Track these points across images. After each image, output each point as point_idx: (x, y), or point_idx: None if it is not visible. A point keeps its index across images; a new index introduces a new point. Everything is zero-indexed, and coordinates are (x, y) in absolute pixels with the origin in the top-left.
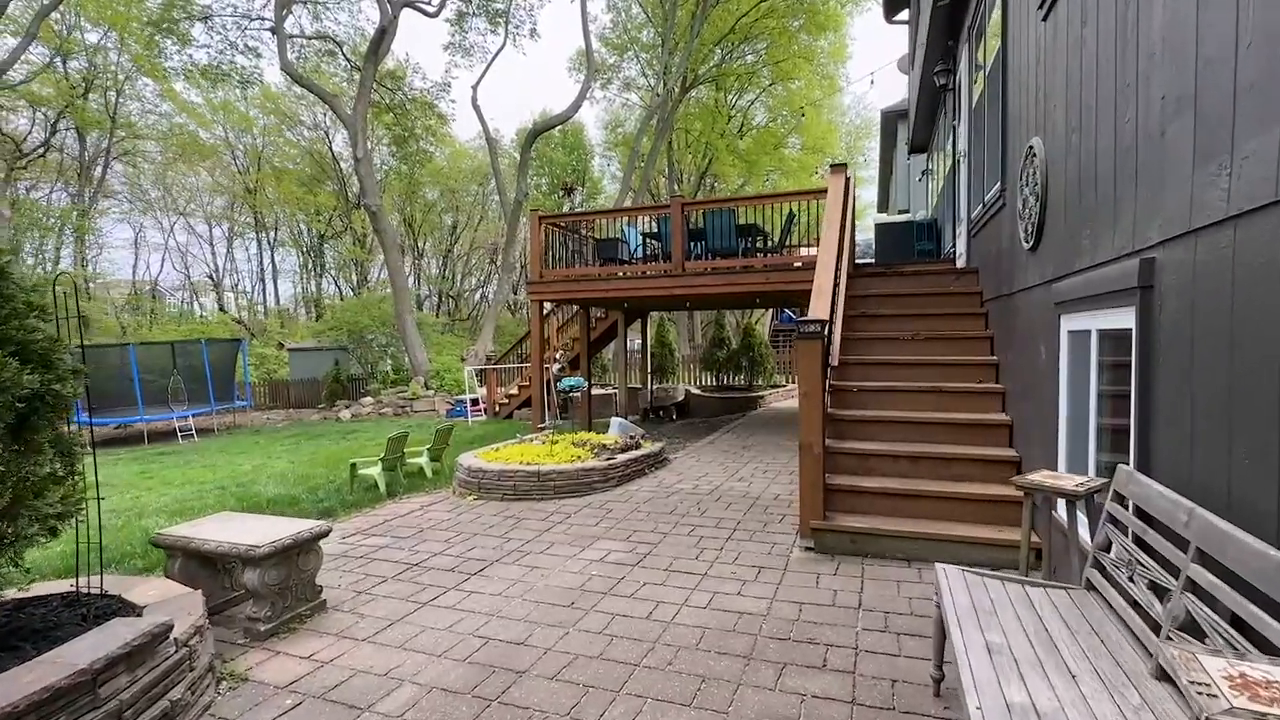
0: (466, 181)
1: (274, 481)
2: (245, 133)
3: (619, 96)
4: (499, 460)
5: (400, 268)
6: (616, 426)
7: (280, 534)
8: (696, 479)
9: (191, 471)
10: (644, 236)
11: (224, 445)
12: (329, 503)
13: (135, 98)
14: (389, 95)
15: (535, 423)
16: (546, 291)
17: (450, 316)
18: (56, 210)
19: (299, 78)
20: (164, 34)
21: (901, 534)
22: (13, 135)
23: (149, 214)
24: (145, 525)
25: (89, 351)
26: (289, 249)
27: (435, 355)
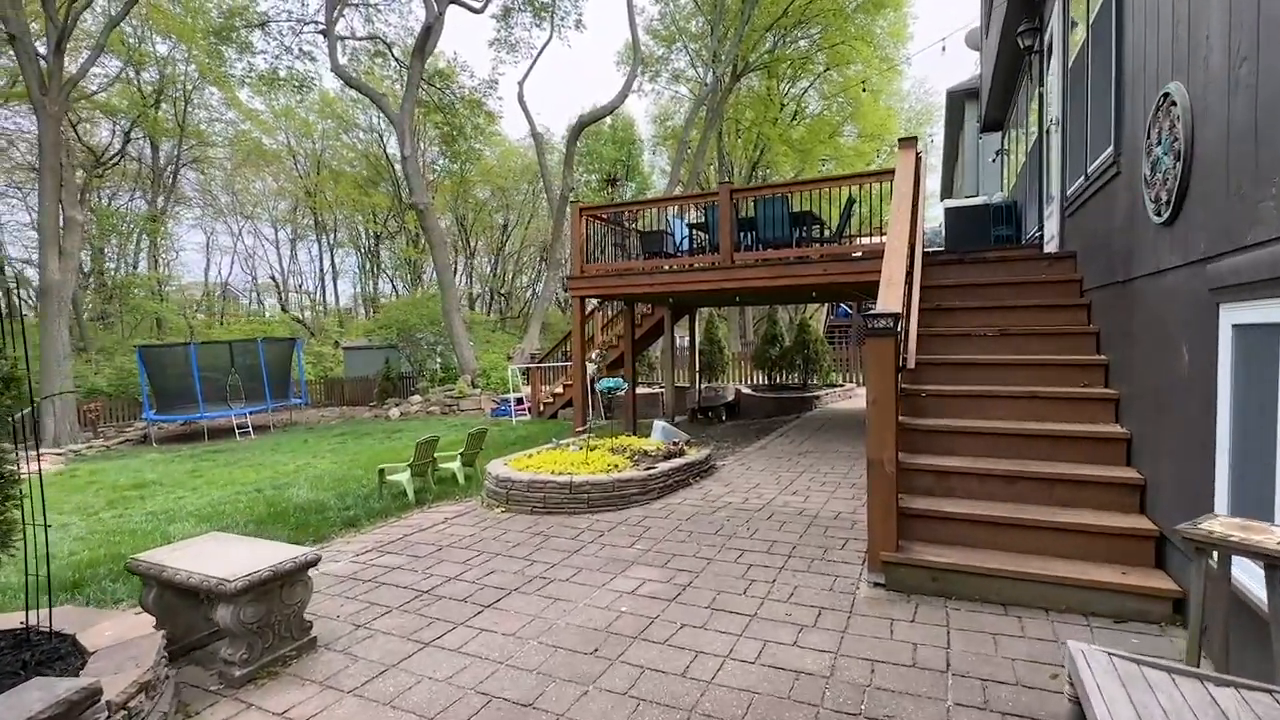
0: (517, 180)
1: (309, 485)
2: (305, 137)
3: (667, 89)
4: (529, 469)
5: (448, 265)
6: (659, 431)
7: (258, 564)
8: (746, 491)
9: (238, 471)
10: (690, 228)
11: (276, 443)
12: (355, 511)
13: (203, 106)
14: (438, 95)
15: (576, 425)
16: (588, 287)
17: (502, 314)
18: (131, 216)
19: (348, 79)
20: (225, 42)
21: (995, 572)
22: (91, 146)
23: (220, 219)
24: (171, 532)
25: (158, 350)
26: (348, 249)
27: (483, 353)
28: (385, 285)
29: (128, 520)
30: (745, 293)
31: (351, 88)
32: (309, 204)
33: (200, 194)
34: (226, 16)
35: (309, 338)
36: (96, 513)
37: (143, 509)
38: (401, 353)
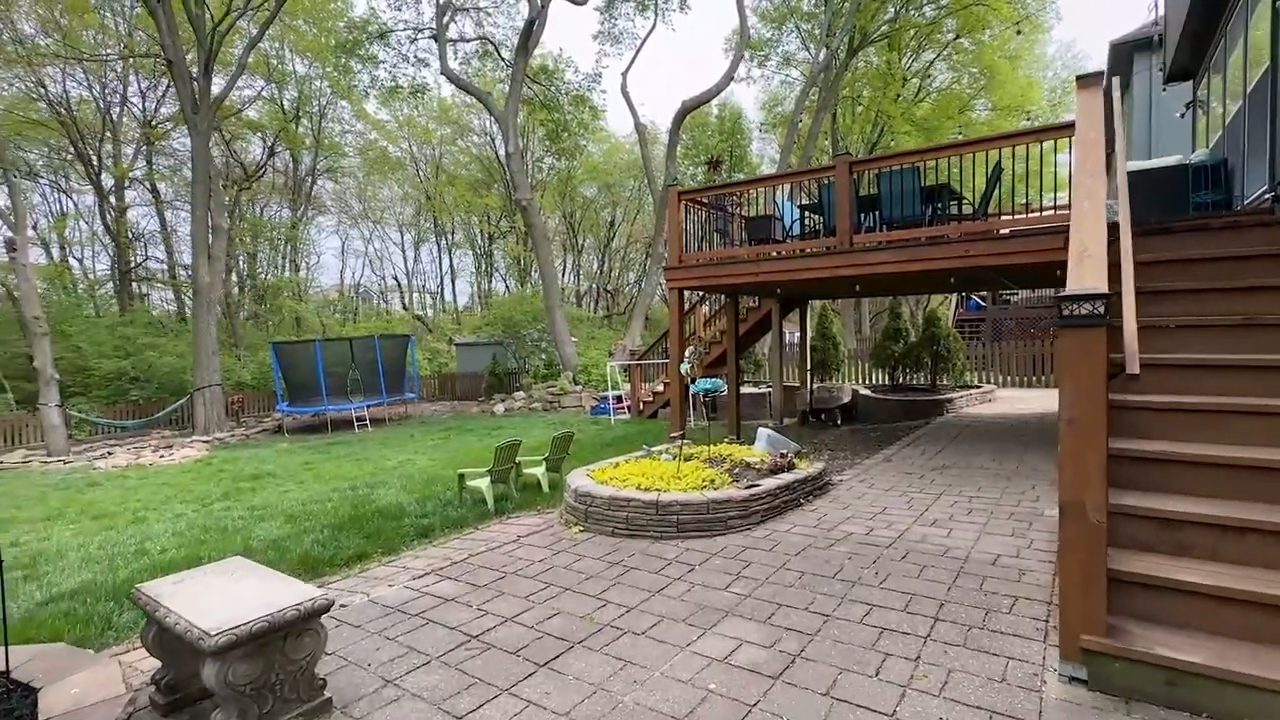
0: (623, 176)
1: (400, 485)
2: (425, 144)
3: (777, 73)
4: (613, 482)
5: (551, 261)
6: (765, 440)
7: (255, 610)
8: (871, 518)
9: (344, 466)
10: (802, 210)
11: (386, 437)
12: (431, 519)
13: (335, 120)
14: (542, 91)
15: (672, 428)
16: (687, 278)
17: (608, 311)
18: (274, 224)
19: (456, 80)
20: (351, 56)
21: (1272, 685)
22: (244, 163)
23: (353, 225)
24: (256, 534)
25: (289, 347)
26: (465, 250)
27: (586, 349)
28: (499, 284)
29: (227, 516)
30: (867, 281)
31: (459, 88)
32: (428, 208)
33: (336, 202)
34: (352, 30)
35: (427, 334)
36: (210, 504)
37: (248, 503)
38: (507, 349)
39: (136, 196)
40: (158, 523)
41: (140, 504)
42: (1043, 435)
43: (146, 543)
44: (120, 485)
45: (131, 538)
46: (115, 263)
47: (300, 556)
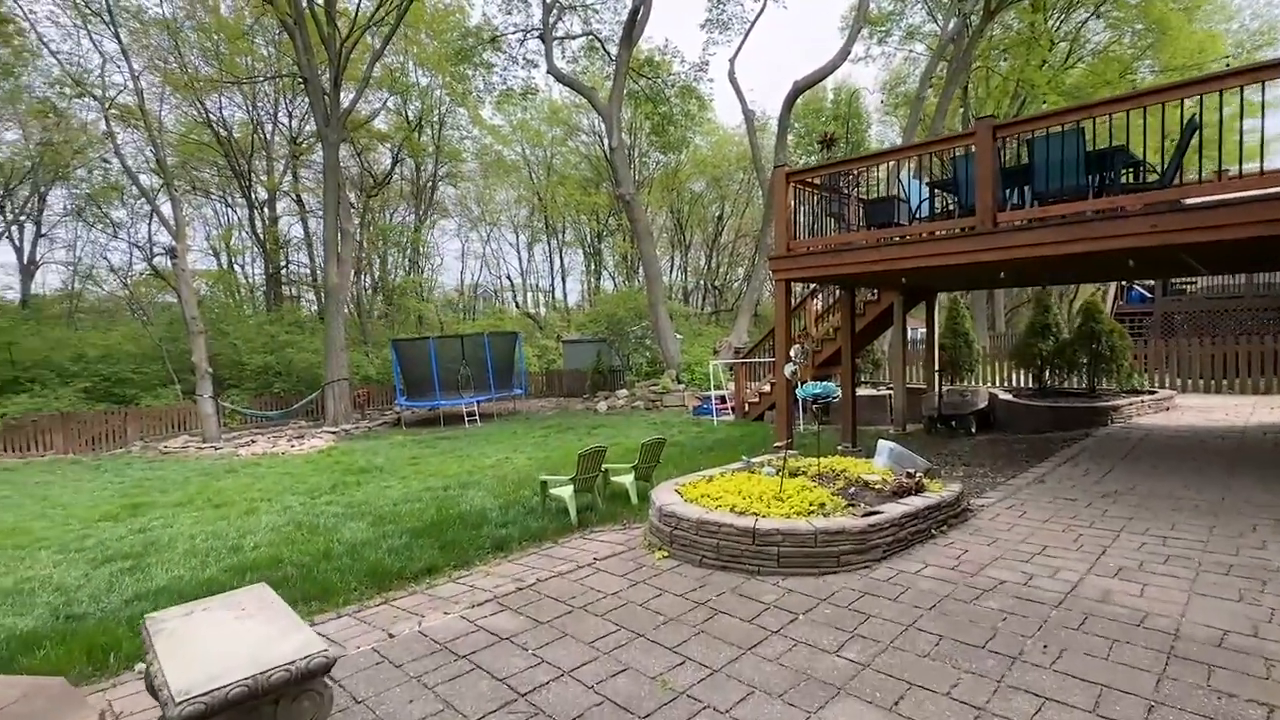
0: (731, 168)
1: (491, 486)
2: (537, 146)
3: (899, 50)
4: (703, 501)
5: (654, 257)
6: (887, 454)
7: (236, 669)
8: (1027, 561)
9: (446, 462)
10: (931, 187)
11: (490, 433)
12: (510, 529)
13: (454, 127)
14: (647, 84)
15: (776, 436)
16: (795, 268)
17: (715, 307)
18: (400, 229)
19: (561, 77)
20: (465, 63)
21: None
22: (372, 171)
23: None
24: (342, 536)
25: (407, 344)
26: (574, 248)
27: (689, 347)
28: (607, 282)
29: (325, 512)
30: (1014, 267)
31: (564, 85)
32: (540, 208)
33: (456, 206)
34: (465, 38)
35: (537, 332)
36: (317, 496)
37: (349, 498)
38: (611, 346)
39: (285, 207)
40: (265, 514)
41: (259, 494)
42: (1252, 454)
43: (246, 538)
44: (251, 473)
45: (236, 531)
46: (265, 267)
47: (370, 567)
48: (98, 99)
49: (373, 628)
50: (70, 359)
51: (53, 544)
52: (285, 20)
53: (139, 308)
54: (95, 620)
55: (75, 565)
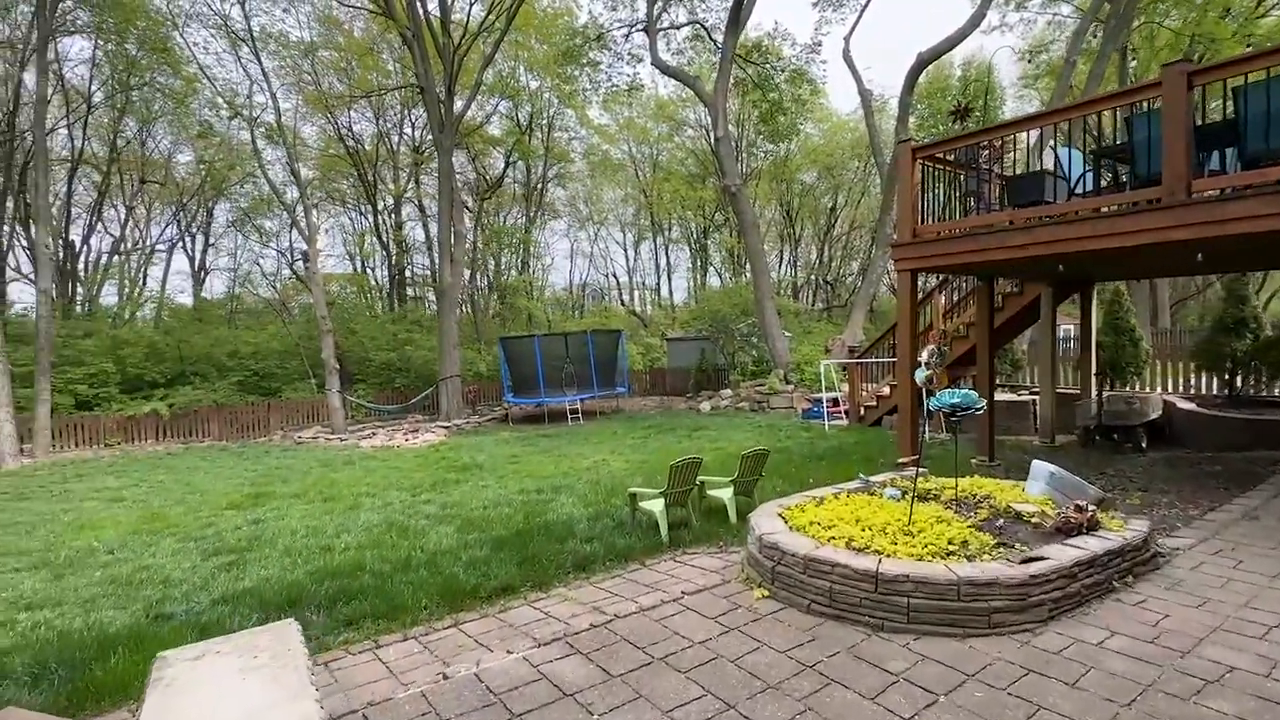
0: (846, 156)
1: (581, 492)
2: (643, 143)
3: (1041, 14)
4: (812, 530)
5: (760, 250)
6: (1044, 478)
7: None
8: (1259, 638)
9: (543, 463)
10: (1096, 156)
11: (591, 432)
12: (596, 545)
13: (562, 128)
14: (755, 70)
15: (901, 452)
16: (922, 256)
17: (827, 303)
18: (512, 230)
19: (665, 68)
20: (572, 63)
21: None
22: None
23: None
24: (426, 543)
25: (514, 341)
26: (680, 245)
27: (798, 345)
28: (713, 278)
29: (420, 512)
30: (1216, 247)
31: (668, 76)
32: (646, 206)
33: (566, 206)
34: (570, 38)
35: (642, 330)
36: (418, 494)
37: (446, 498)
38: (715, 344)
39: (409, 213)
40: (366, 511)
41: (366, 488)
42: None
43: (341, 536)
44: (365, 466)
45: (335, 528)
46: (389, 269)
47: (444, 583)
48: (246, 119)
49: (433, 658)
50: (227, 355)
51: (180, 532)
52: (404, 33)
53: (284, 309)
54: (176, 624)
55: (189, 556)
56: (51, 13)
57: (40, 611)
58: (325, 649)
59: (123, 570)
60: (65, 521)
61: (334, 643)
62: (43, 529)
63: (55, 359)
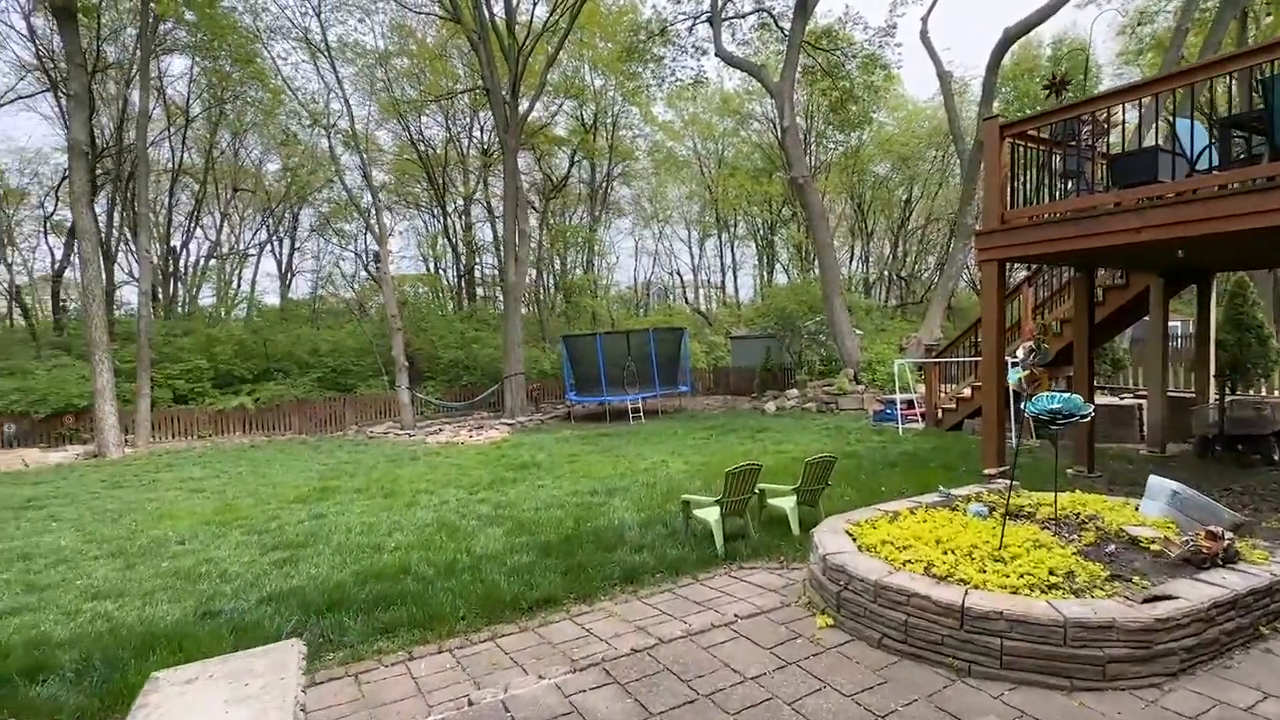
0: (921, 146)
1: (636, 496)
2: (708, 139)
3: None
4: (884, 550)
5: (829, 243)
6: (1166, 496)
7: None
8: None
9: (601, 463)
10: (1222, 126)
11: (652, 431)
12: (646, 555)
13: (626, 126)
14: (824, 57)
15: (984, 462)
16: (1011, 245)
17: (901, 300)
18: (576, 229)
19: (729, 58)
20: (635, 59)
21: None
22: (551, 175)
23: (645, 226)
24: (474, 545)
25: (576, 339)
26: (746, 242)
27: (870, 344)
28: (780, 275)
29: (473, 512)
30: None
31: (732, 66)
32: (711, 202)
33: (630, 205)
34: (633, 33)
35: (705, 328)
36: (475, 492)
37: (500, 498)
38: (781, 343)
39: (478, 214)
40: (421, 509)
41: (426, 485)
42: None
43: (393, 535)
44: (428, 463)
45: (389, 526)
46: (457, 269)
47: (485, 592)
48: (324, 127)
49: (464, 676)
50: (308, 352)
51: (247, 524)
52: (471, 36)
53: (360, 309)
54: (219, 623)
55: (249, 550)
56: (153, 33)
57: (104, 602)
58: (359, 658)
59: (187, 563)
60: (148, 510)
61: (368, 651)
62: (128, 517)
63: (156, 356)
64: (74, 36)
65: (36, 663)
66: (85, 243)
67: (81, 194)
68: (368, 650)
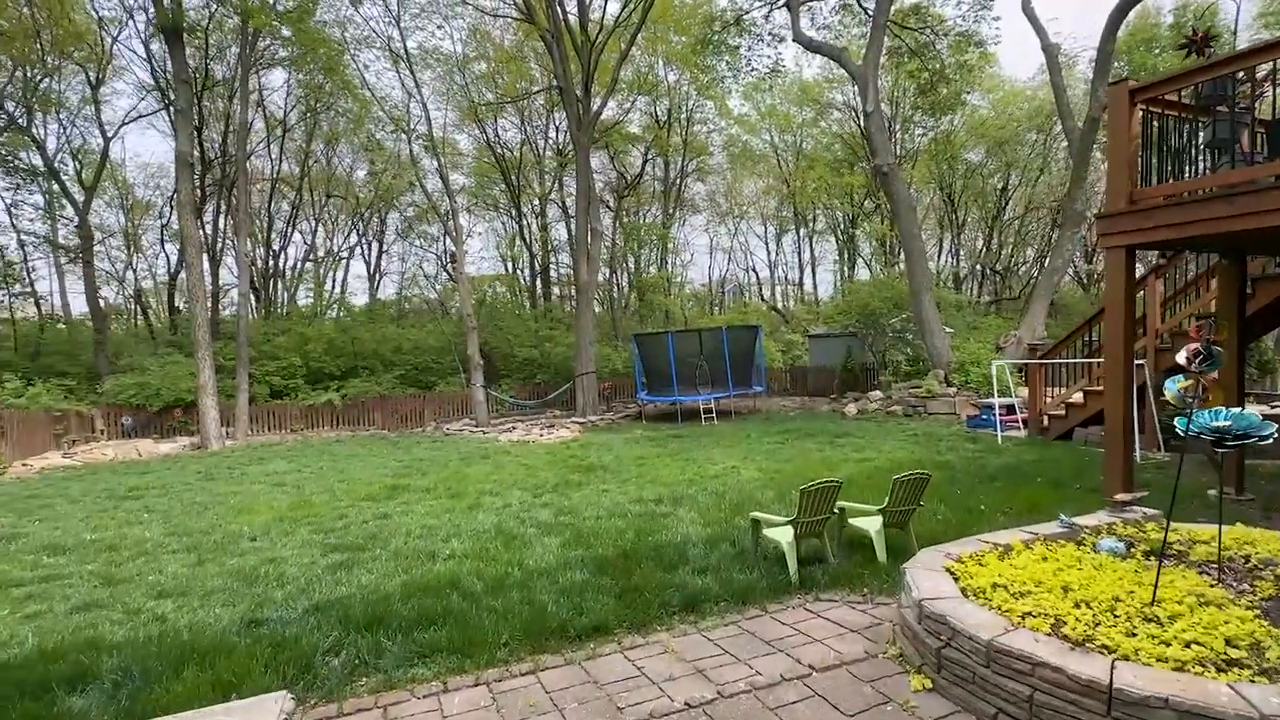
0: (1021, 129)
1: (703, 506)
2: (785, 131)
3: None
4: (997, 599)
5: (917, 235)
6: None
7: None
8: None
9: (669, 468)
10: None
11: (725, 433)
12: (708, 579)
13: (701, 121)
14: (912, 37)
15: (1109, 479)
16: (1141, 229)
17: (995, 295)
18: (650, 227)
19: (809, 42)
20: (709, 51)
21: None
22: (625, 173)
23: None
24: (528, 557)
25: (647, 338)
26: (825, 237)
27: (962, 342)
28: (862, 271)
29: (534, 518)
30: None
31: (811, 50)
32: (788, 196)
33: (705, 201)
34: (708, 24)
35: (782, 326)
36: (540, 494)
37: (563, 502)
38: (863, 341)
39: (554, 215)
40: (484, 512)
41: (493, 486)
42: None
43: (450, 541)
44: (497, 462)
45: (448, 530)
46: (532, 268)
47: (530, 617)
48: (405, 132)
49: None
50: (392, 351)
51: (315, 523)
52: (544, 35)
53: (441, 308)
54: (261, 635)
55: (311, 551)
56: (251, 49)
57: (166, 601)
58: (391, 685)
59: (251, 562)
60: (231, 504)
61: (402, 679)
62: (212, 510)
63: (255, 353)
64: (180, 56)
65: (83, 670)
66: (190, 248)
67: (186, 202)
68: (402, 678)
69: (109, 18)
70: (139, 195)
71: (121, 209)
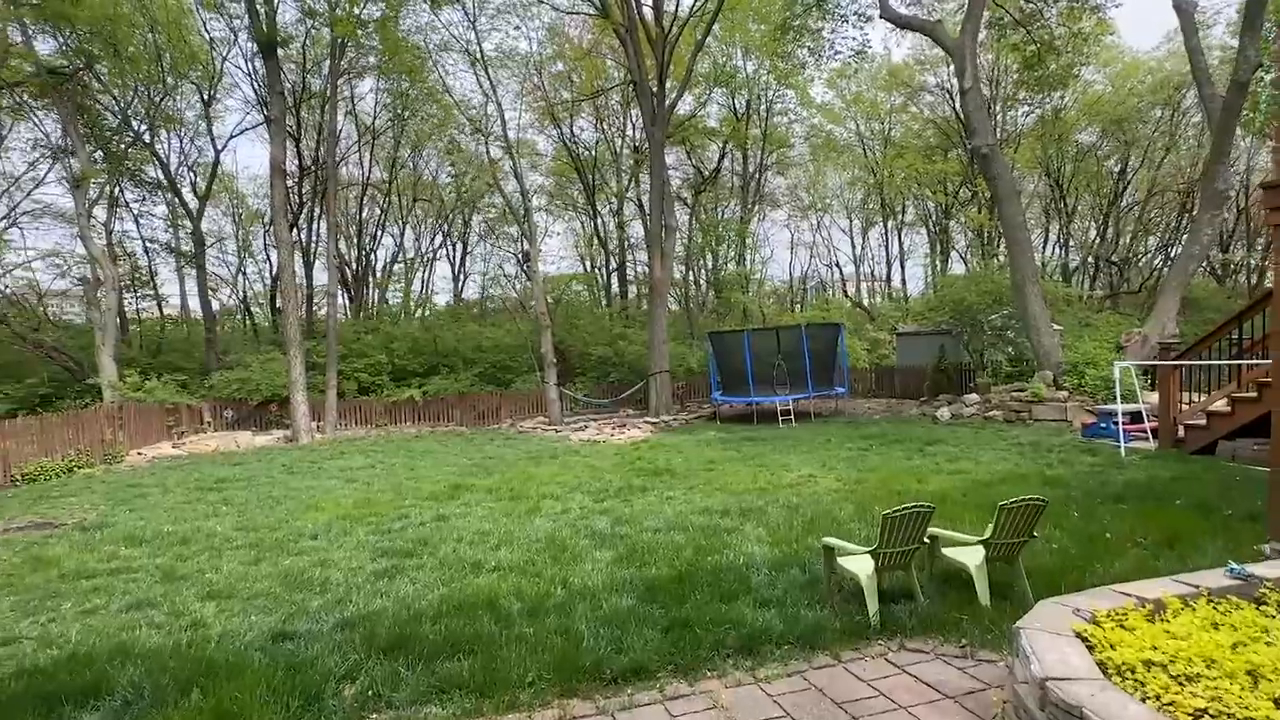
0: (1143, 104)
1: (773, 523)
2: (873, 118)
3: None
4: (1153, 683)
5: (1021, 223)
6: None
7: None
8: None
9: (740, 474)
10: None
11: (802, 437)
12: (772, 615)
13: (781, 112)
14: (1016, 6)
15: (1273, 525)
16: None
17: (1111, 289)
18: (727, 223)
19: (897, 18)
20: (791, 40)
21: None
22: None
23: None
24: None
25: (722, 336)
26: (916, 229)
27: (1073, 341)
28: (956, 265)
29: (591, 528)
30: None
31: (900, 27)
32: (875, 187)
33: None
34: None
35: (868, 324)
36: (603, 499)
37: (625, 510)
38: (958, 339)
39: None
40: (541, 518)
41: (555, 489)
42: None
43: (500, 550)
44: (564, 462)
45: (499, 537)
46: (607, 266)
47: (563, 651)
48: (483, 133)
49: None
50: (472, 349)
51: (374, 523)
52: (618, 30)
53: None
54: (280, 653)
55: (362, 554)
56: (340, 57)
57: (210, 604)
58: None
59: (301, 563)
60: (302, 500)
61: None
62: (283, 506)
63: (345, 351)
64: (275, 68)
65: (103, 680)
66: (283, 250)
67: (280, 208)
68: (413, 717)
69: (219, 38)
70: (251, 206)
71: (233, 217)
